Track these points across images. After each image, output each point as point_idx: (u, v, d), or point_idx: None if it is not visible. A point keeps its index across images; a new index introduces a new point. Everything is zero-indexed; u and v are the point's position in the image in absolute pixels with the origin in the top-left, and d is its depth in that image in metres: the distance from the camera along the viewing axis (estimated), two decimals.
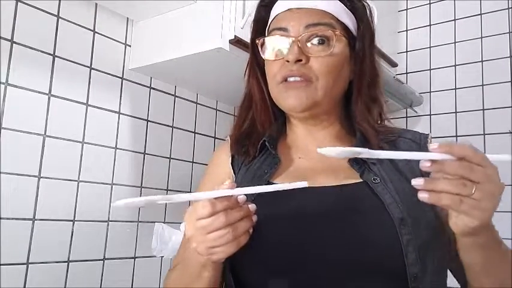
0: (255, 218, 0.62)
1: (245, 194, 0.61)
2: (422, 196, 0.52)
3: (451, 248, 0.67)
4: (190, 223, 0.61)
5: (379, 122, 0.82)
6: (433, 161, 0.51)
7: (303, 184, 0.59)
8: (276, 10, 0.80)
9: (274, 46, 0.77)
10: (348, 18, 0.79)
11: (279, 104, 0.79)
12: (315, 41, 0.75)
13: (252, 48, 0.85)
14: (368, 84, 0.80)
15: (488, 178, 0.52)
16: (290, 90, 0.75)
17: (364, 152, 0.52)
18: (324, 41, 0.75)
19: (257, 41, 0.80)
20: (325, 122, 0.82)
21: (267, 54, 0.79)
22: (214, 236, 0.59)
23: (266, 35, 0.81)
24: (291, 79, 0.75)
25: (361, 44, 0.79)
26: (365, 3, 0.82)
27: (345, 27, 0.78)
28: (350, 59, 0.79)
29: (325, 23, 0.75)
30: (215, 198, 0.59)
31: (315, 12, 0.76)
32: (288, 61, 0.74)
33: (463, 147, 0.52)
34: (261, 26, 0.84)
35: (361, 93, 0.79)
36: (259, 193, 0.73)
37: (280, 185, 0.62)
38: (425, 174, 0.55)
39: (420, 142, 0.80)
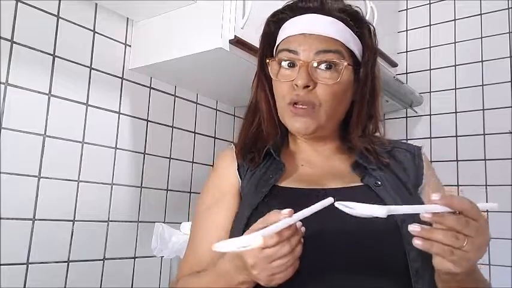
0: (302, 240, 0.63)
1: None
2: (416, 243, 0.56)
3: None
4: (253, 252, 0.60)
5: (372, 132, 0.86)
6: (434, 213, 0.56)
7: (330, 200, 0.62)
8: (287, 31, 0.81)
9: (286, 65, 0.79)
10: (354, 45, 0.81)
11: (286, 125, 0.82)
12: (323, 66, 0.77)
13: (261, 62, 0.86)
14: (367, 102, 0.83)
15: (480, 232, 0.56)
16: (297, 116, 0.78)
17: (385, 211, 0.56)
18: (331, 66, 0.77)
19: (267, 60, 0.82)
20: (327, 139, 0.85)
21: (276, 73, 0.81)
22: (277, 264, 0.60)
23: (275, 53, 0.83)
24: (298, 104, 0.77)
25: (365, 69, 0.82)
26: (370, 26, 0.84)
27: (351, 54, 0.80)
28: (353, 83, 0.82)
29: (335, 51, 0.78)
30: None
31: (325, 39, 0.78)
32: (296, 85, 0.76)
33: (462, 201, 0.56)
34: (269, 40, 0.86)
35: (361, 114, 0.82)
36: (271, 197, 0.76)
37: (317, 204, 0.62)
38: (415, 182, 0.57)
39: (414, 152, 0.85)
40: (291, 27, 0.81)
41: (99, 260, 1.18)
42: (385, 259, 0.69)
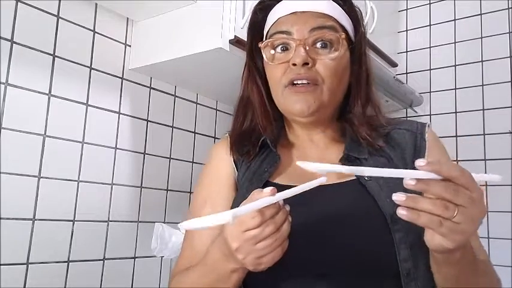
0: (290, 218, 0.60)
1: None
2: (401, 213, 0.50)
3: None
4: (236, 235, 0.57)
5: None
6: (418, 180, 0.49)
7: (322, 180, 0.58)
8: (277, 13, 0.79)
9: (279, 49, 0.77)
10: (347, 23, 0.79)
11: (284, 109, 0.79)
12: (320, 44, 0.75)
13: (250, 53, 0.84)
14: (363, 85, 0.81)
15: (472, 202, 0.49)
16: (298, 94, 0.74)
17: (344, 170, 0.50)
18: (327, 44, 0.75)
19: (260, 45, 0.79)
20: (323, 126, 0.82)
21: (271, 58, 0.78)
22: (263, 245, 0.57)
23: (266, 38, 0.80)
24: (298, 82, 0.74)
25: (358, 48, 0.80)
26: (358, 9, 0.83)
27: (345, 31, 0.78)
28: (349, 63, 0.80)
29: (329, 27, 0.75)
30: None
31: (318, 15, 0.76)
32: (294, 64, 0.73)
33: (452, 167, 0.50)
34: (257, 30, 0.83)
35: (359, 95, 0.80)
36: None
37: (306, 184, 0.58)
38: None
39: (416, 131, 0.80)
40: (281, 9, 0.78)
41: (99, 260, 1.18)
42: (374, 259, 0.66)
